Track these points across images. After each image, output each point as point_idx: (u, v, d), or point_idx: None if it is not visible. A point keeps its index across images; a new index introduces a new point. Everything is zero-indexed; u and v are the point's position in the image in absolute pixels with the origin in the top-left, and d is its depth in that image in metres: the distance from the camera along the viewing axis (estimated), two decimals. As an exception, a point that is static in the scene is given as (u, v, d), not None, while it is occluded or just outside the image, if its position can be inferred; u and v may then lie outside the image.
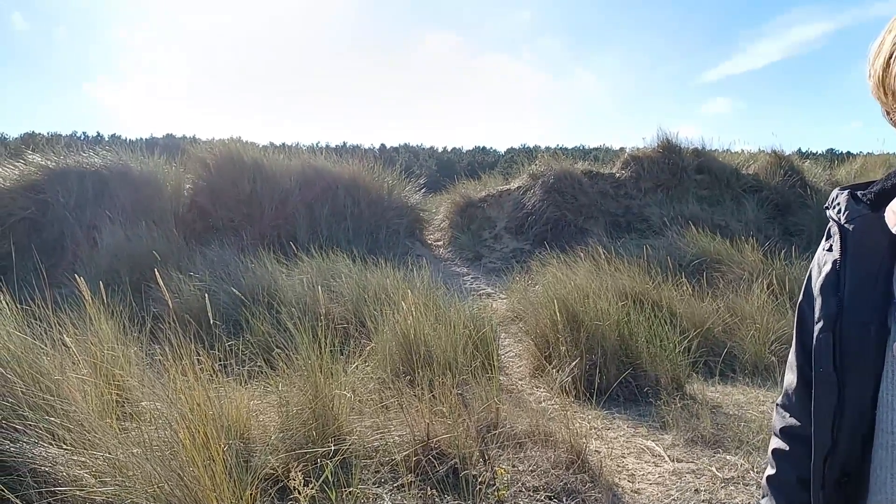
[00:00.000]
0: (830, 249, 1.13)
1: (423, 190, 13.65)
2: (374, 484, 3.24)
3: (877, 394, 1.00)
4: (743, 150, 14.03)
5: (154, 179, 10.76)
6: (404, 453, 3.37)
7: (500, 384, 5.08)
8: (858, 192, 1.14)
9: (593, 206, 12.00)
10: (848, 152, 18.02)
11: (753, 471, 3.94)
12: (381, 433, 3.61)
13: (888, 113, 1.06)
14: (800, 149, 24.61)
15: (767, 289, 7.69)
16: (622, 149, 14.66)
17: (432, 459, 3.34)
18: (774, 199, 12.33)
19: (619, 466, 4.02)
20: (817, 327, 1.10)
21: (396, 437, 3.56)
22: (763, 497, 1.30)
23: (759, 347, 6.75)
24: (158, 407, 3.19)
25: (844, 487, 1.05)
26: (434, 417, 3.70)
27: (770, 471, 1.29)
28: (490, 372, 4.85)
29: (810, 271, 1.20)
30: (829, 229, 1.15)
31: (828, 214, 1.17)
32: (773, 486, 1.27)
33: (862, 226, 1.08)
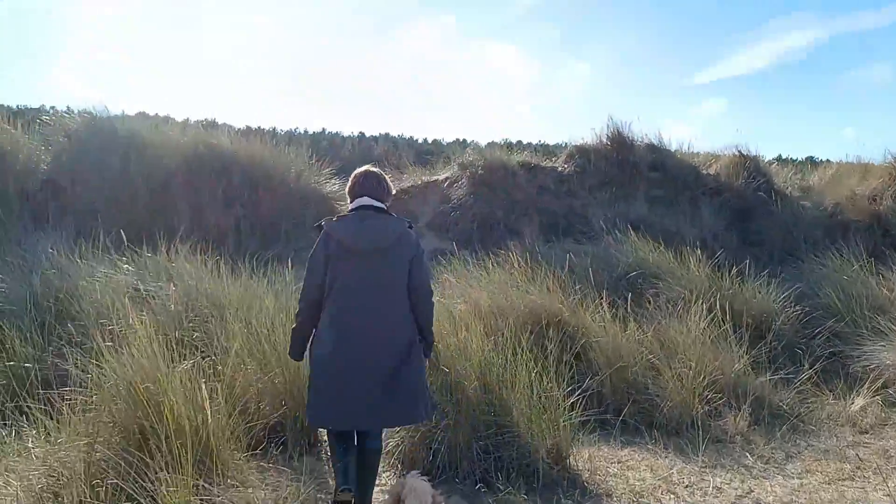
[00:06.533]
0: None
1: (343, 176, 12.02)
2: None
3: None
4: (703, 152, 12.47)
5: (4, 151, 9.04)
6: None
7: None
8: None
9: (529, 204, 10.45)
10: (827, 160, 16.69)
11: None
12: None
13: None
14: (780, 155, 23.03)
15: (709, 313, 6.13)
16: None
17: None
18: (735, 204, 10.84)
19: None
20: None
21: None
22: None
23: (687, 395, 5.25)
24: None
25: None
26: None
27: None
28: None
29: None
30: None
31: None
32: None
33: None
